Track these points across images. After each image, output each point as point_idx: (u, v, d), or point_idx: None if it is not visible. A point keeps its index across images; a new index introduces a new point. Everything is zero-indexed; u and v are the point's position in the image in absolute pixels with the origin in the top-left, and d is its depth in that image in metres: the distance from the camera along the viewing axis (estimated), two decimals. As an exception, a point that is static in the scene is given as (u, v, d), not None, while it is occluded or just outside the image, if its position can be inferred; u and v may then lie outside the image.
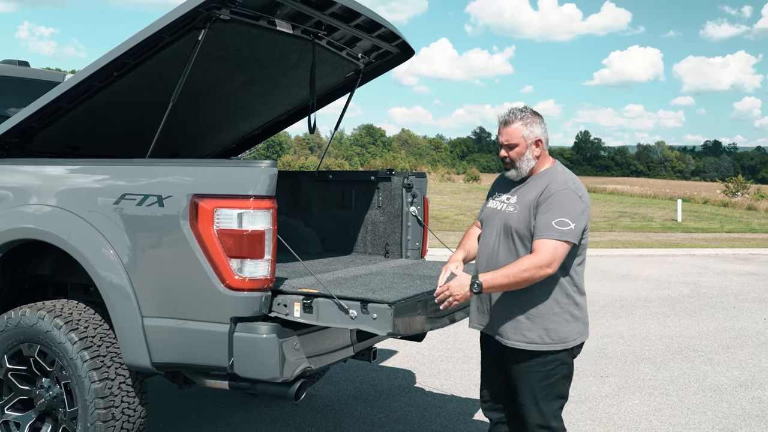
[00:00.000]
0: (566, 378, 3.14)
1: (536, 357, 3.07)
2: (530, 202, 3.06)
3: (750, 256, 16.13)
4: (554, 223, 2.93)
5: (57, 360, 3.30)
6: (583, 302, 3.16)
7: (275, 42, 4.01)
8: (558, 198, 2.99)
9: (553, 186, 3.04)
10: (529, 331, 3.05)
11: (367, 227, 4.80)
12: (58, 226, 3.37)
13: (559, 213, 2.95)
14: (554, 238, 2.92)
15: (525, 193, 3.13)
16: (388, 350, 6.71)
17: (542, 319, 3.04)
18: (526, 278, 2.92)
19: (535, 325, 3.04)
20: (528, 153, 3.11)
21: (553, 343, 3.06)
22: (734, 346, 7.29)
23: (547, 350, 3.06)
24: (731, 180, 46.88)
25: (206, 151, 5.44)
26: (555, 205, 2.97)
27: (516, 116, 3.11)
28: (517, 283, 2.93)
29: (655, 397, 5.51)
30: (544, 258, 2.91)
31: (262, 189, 2.99)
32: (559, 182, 3.05)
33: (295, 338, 3.06)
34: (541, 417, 3.12)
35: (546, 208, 2.98)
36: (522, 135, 3.09)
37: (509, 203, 3.16)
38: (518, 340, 3.07)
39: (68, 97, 3.61)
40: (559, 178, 3.08)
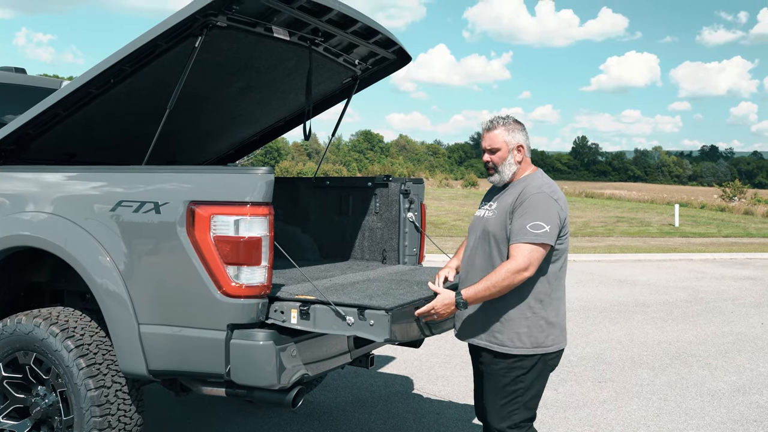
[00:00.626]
0: (531, 387, 3.12)
1: (505, 360, 3.11)
2: (507, 207, 3.13)
3: (747, 261, 16.15)
4: (528, 227, 2.98)
5: (53, 368, 3.29)
6: (561, 309, 3.17)
7: (272, 48, 4.01)
8: (532, 202, 3.04)
9: (527, 190, 3.10)
10: (500, 334, 3.11)
11: (364, 233, 4.80)
12: (54, 234, 3.36)
13: (533, 217, 2.99)
14: (529, 241, 2.97)
15: (504, 198, 3.21)
16: (385, 356, 6.70)
17: (513, 323, 3.08)
18: (506, 285, 2.98)
19: (506, 329, 3.09)
20: (510, 158, 3.19)
21: (524, 347, 3.07)
22: (732, 351, 7.29)
23: (517, 354, 3.08)
24: (728, 185, 46.98)
25: (203, 157, 5.44)
26: (529, 209, 3.02)
27: (498, 123, 3.22)
28: (498, 291, 3.00)
29: (654, 403, 5.50)
30: (520, 262, 2.96)
31: (259, 195, 2.99)
32: (533, 187, 3.11)
33: (292, 345, 3.05)
34: (500, 422, 3.13)
35: (521, 212, 3.03)
36: (504, 140, 3.19)
37: (490, 209, 3.24)
38: (489, 341, 3.14)
39: (65, 104, 3.61)
40: (535, 183, 3.14)
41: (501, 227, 3.11)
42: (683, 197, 44.25)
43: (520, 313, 3.08)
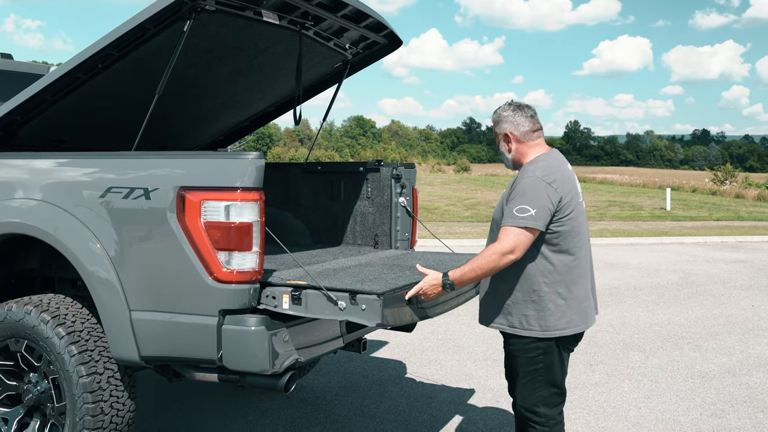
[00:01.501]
0: (551, 367, 3.16)
1: (519, 341, 3.16)
2: (505, 194, 3.20)
3: (738, 244, 16.24)
4: (515, 211, 3.01)
5: (44, 355, 3.28)
6: (576, 293, 3.14)
7: (261, 33, 3.98)
8: (521, 187, 3.07)
9: (518, 177, 3.15)
10: (510, 316, 3.16)
11: (356, 218, 4.79)
12: (44, 221, 3.34)
13: (520, 200, 3.03)
14: (514, 224, 2.99)
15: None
16: (378, 341, 6.72)
17: (520, 306, 3.12)
18: (491, 267, 3.01)
19: (515, 312, 3.14)
20: (501, 147, 3.30)
21: (534, 330, 3.10)
22: (722, 333, 7.34)
23: (527, 336, 3.12)
24: (719, 168, 47.20)
25: (194, 143, 5.41)
26: (518, 194, 3.06)
27: (493, 115, 3.34)
28: (484, 273, 3.04)
29: (645, 385, 5.55)
30: (505, 245, 2.98)
31: (249, 181, 2.98)
32: (527, 171, 3.13)
33: (284, 330, 3.05)
34: (524, 399, 3.20)
35: (512, 197, 3.08)
36: (495, 131, 3.33)
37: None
38: (501, 324, 3.19)
39: (52, 90, 3.58)
40: (530, 167, 3.14)
41: (500, 215, 3.17)
42: (675, 181, 44.41)
43: (525, 296, 3.11)
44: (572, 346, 3.23)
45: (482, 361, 6.14)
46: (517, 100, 3.33)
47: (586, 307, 3.18)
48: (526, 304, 3.11)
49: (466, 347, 6.60)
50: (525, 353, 3.15)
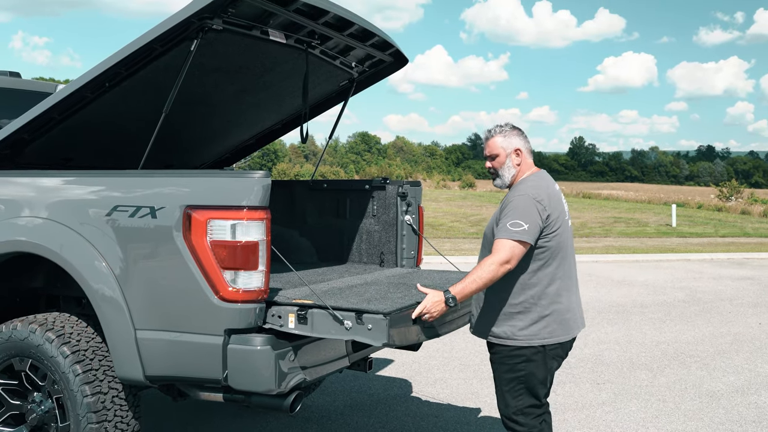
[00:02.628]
0: (533, 376, 3.27)
1: (502, 350, 3.29)
2: (497, 212, 3.34)
3: (745, 261, 16.16)
4: (509, 225, 3.18)
5: (49, 374, 3.27)
6: (560, 305, 3.29)
7: (268, 51, 4.00)
8: (514, 204, 3.23)
9: (511, 194, 3.32)
10: (497, 327, 3.29)
11: (362, 236, 4.78)
12: (50, 239, 3.34)
13: (513, 216, 3.19)
14: (508, 237, 3.14)
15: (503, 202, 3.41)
16: (383, 359, 6.68)
17: (507, 317, 3.26)
18: (491, 277, 3.13)
19: (502, 322, 3.27)
20: (508, 161, 3.39)
21: (517, 339, 3.25)
22: (730, 352, 7.28)
23: (510, 344, 3.26)
24: (725, 184, 47.04)
25: (200, 161, 5.42)
26: (511, 210, 3.21)
27: (496, 131, 3.43)
28: (484, 283, 3.15)
29: (652, 404, 5.49)
30: (502, 256, 3.12)
31: (256, 200, 2.97)
32: (519, 190, 3.31)
33: (289, 350, 3.03)
34: (506, 408, 3.32)
35: (504, 213, 3.24)
36: (501, 146, 3.39)
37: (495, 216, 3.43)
38: (490, 335, 3.32)
39: (60, 108, 3.59)
40: (521, 187, 3.33)
41: (492, 231, 3.31)
42: (680, 197, 44.30)
43: (512, 307, 3.26)
44: (559, 353, 3.32)
45: (488, 379, 6.09)
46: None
47: (569, 318, 3.33)
48: (514, 315, 3.26)
49: (472, 366, 6.56)
50: (507, 360, 3.28)
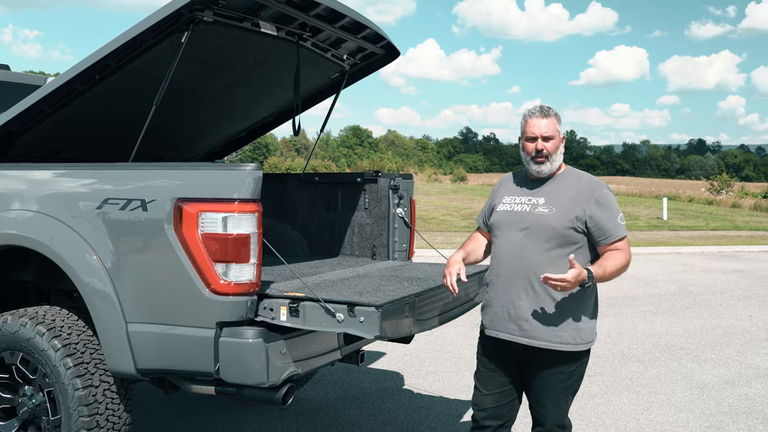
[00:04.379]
0: (583, 376, 3.23)
1: (566, 357, 3.10)
2: (570, 203, 3.09)
3: (735, 254, 16.25)
4: (620, 221, 3.10)
5: (40, 368, 3.26)
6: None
7: (259, 44, 3.98)
8: (610, 197, 3.13)
9: (592, 183, 3.15)
10: (564, 332, 3.07)
11: (353, 229, 4.78)
12: (40, 232, 3.32)
13: (616, 210, 3.11)
14: (625, 236, 3.11)
15: (557, 193, 3.15)
16: (375, 352, 6.69)
17: (575, 320, 3.08)
18: (619, 275, 3.09)
19: (569, 326, 3.07)
20: (561, 147, 3.18)
21: (583, 343, 3.12)
22: (721, 344, 7.33)
23: (577, 351, 3.11)
24: (716, 178, 47.31)
25: (191, 154, 5.40)
26: (611, 203, 3.11)
27: (551, 110, 3.17)
28: (611, 278, 3.07)
29: (643, 396, 5.52)
30: (629, 256, 3.10)
31: (247, 192, 2.97)
32: (594, 180, 3.18)
33: (281, 342, 3.03)
34: (560, 417, 3.19)
35: (605, 206, 3.08)
36: (557, 128, 3.16)
37: (536, 204, 3.15)
38: (553, 341, 3.07)
39: (50, 101, 3.57)
40: (589, 177, 3.21)
41: (566, 224, 3.06)
42: (671, 191, 44.50)
43: (582, 309, 3.10)
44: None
45: (480, 372, 6.11)
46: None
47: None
48: (580, 317, 3.09)
49: (464, 358, 6.57)
50: (568, 368, 3.13)
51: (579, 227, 3.07)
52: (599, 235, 3.08)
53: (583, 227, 3.08)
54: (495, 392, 3.28)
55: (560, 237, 3.07)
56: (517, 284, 3.11)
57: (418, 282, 3.62)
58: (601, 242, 3.10)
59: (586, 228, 3.08)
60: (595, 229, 3.08)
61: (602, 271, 3.01)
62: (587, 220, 3.07)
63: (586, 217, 3.07)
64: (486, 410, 3.29)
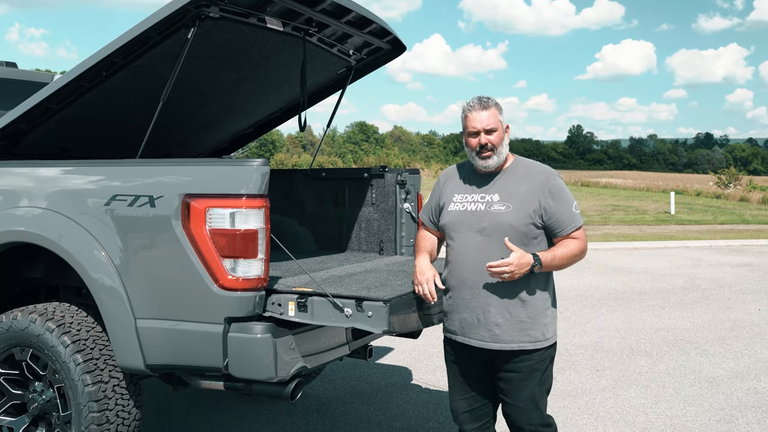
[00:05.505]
0: (552, 371, 3.21)
1: (538, 356, 3.07)
2: (526, 197, 3.03)
3: (743, 247, 16.18)
4: (575, 210, 3.06)
5: (50, 363, 3.27)
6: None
7: (266, 39, 3.98)
8: (562, 186, 3.07)
9: (549, 175, 3.09)
10: (533, 330, 3.04)
11: (361, 224, 4.78)
12: (48, 229, 3.33)
13: (570, 200, 3.06)
14: (581, 225, 3.07)
15: (511, 188, 3.07)
16: (384, 347, 6.70)
17: (540, 317, 3.06)
18: (574, 262, 3.05)
19: (536, 324, 3.05)
20: (506, 138, 3.11)
21: (551, 337, 3.11)
22: (729, 338, 7.30)
23: (545, 347, 3.09)
24: (723, 172, 47.04)
25: (198, 150, 5.40)
26: (564, 193, 3.06)
27: (491, 102, 3.09)
28: (566, 264, 3.04)
29: (652, 390, 5.51)
30: (584, 245, 3.06)
31: (255, 188, 2.97)
32: (547, 170, 3.12)
33: (290, 337, 3.03)
34: (542, 417, 3.15)
35: (559, 197, 3.04)
36: (500, 119, 3.09)
37: (490, 202, 3.07)
38: (524, 341, 3.04)
39: (57, 98, 3.58)
40: (541, 166, 3.15)
41: (525, 220, 3.00)
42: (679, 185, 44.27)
43: (544, 304, 3.07)
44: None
45: (488, 367, 6.11)
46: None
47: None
48: (544, 313, 3.07)
49: (472, 353, 6.57)
50: (541, 365, 3.09)
51: (537, 222, 3.03)
52: (555, 227, 3.04)
53: (540, 221, 3.04)
54: (468, 396, 3.26)
55: (520, 234, 3.00)
56: (484, 289, 3.03)
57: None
58: (557, 233, 3.05)
59: (542, 221, 3.04)
60: (550, 221, 3.03)
61: (551, 256, 2.97)
62: (542, 213, 3.02)
63: (542, 210, 3.02)
64: (462, 414, 3.27)
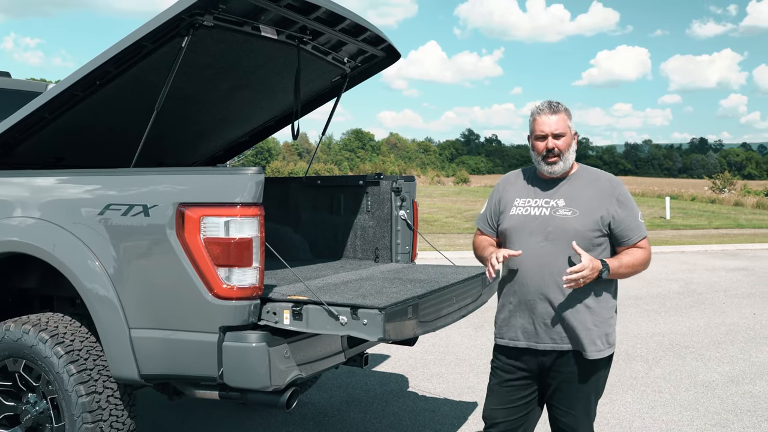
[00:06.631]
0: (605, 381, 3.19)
1: (597, 364, 3.04)
2: (592, 204, 2.99)
3: (738, 252, 16.22)
4: (640, 219, 3.05)
5: (43, 374, 3.25)
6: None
7: (260, 47, 3.98)
8: (629, 195, 3.07)
9: (615, 183, 3.08)
10: (597, 338, 3.00)
11: (356, 232, 4.77)
12: (42, 239, 3.32)
13: (636, 209, 3.06)
14: (647, 235, 3.06)
15: (576, 194, 3.04)
16: (379, 355, 6.68)
17: (604, 325, 3.02)
18: (640, 271, 3.03)
19: (600, 331, 3.00)
20: (574, 144, 3.05)
21: (611, 346, 3.08)
22: (725, 342, 7.31)
23: (607, 355, 3.06)
24: (718, 176, 47.24)
25: (192, 159, 5.40)
26: (630, 201, 3.05)
27: (561, 106, 3.05)
28: (631, 273, 3.01)
29: (648, 395, 5.51)
30: (649, 255, 3.03)
31: (249, 196, 2.96)
32: (613, 178, 3.11)
33: (285, 346, 3.02)
34: (590, 426, 3.14)
35: (626, 205, 3.02)
36: (569, 125, 3.04)
37: (556, 207, 3.03)
38: (589, 349, 2.99)
39: (50, 108, 3.57)
40: (606, 174, 3.13)
41: (591, 226, 2.96)
42: (674, 190, 44.44)
43: (609, 313, 3.03)
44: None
45: (484, 373, 6.08)
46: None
47: None
48: (608, 321, 3.03)
49: (468, 360, 6.56)
50: (602, 373, 3.08)
51: (603, 229, 2.98)
52: (622, 236, 3.00)
53: (607, 229, 2.99)
54: (509, 406, 3.17)
55: (585, 240, 2.94)
56: (546, 294, 2.99)
57: (422, 284, 3.62)
58: (623, 243, 3.01)
59: (609, 229, 3.00)
60: (618, 229, 2.99)
61: (618, 263, 2.94)
62: (611, 221, 2.98)
63: (609, 217, 2.98)
64: (498, 424, 3.18)
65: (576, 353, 3.02)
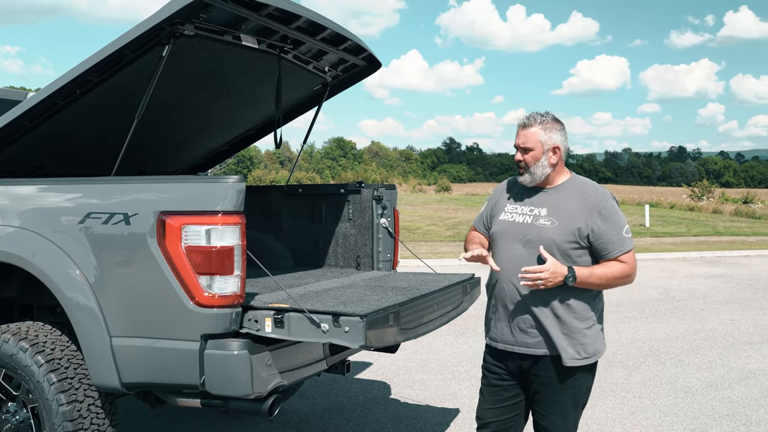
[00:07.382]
0: (591, 388, 3.18)
1: (576, 372, 3.06)
2: (572, 215, 3.02)
3: (717, 259, 16.42)
4: (625, 234, 3.03)
5: (23, 384, 3.23)
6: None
7: (241, 57, 4.00)
8: (615, 208, 3.04)
9: (600, 195, 3.06)
10: (572, 347, 3.03)
11: (338, 240, 4.79)
12: (22, 248, 3.30)
13: (622, 223, 3.03)
14: (631, 249, 3.03)
15: (560, 204, 3.07)
16: (362, 362, 6.68)
17: (577, 334, 3.04)
18: (617, 284, 3.04)
19: (573, 341, 3.03)
20: (544, 159, 3.06)
21: (589, 357, 3.07)
22: (704, 348, 7.40)
23: (587, 363, 3.07)
24: (696, 184, 47.77)
25: (174, 167, 5.39)
26: (615, 215, 3.02)
27: (536, 120, 3.07)
28: (605, 286, 3.03)
29: (628, 401, 5.56)
30: (633, 269, 3.04)
31: (230, 204, 2.97)
32: (600, 191, 3.09)
33: (266, 354, 3.03)
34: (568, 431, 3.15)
35: (609, 219, 3.00)
36: (539, 139, 3.05)
37: (537, 216, 3.08)
38: (566, 357, 3.02)
39: (30, 116, 3.56)
40: (595, 186, 3.12)
41: (567, 237, 3.00)
42: (653, 198, 44.87)
43: (585, 323, 3.05)
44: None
45: (466, 380, 6.13)
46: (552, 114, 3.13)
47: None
48: (585, 331, 3.05)
49: (450, 366, 6.59)
50: (577, 381, 3.08)
51: (581, 241, 3.00)
52: (602, 249, 3.01)
53: (585, 241, 3.01)
54: (498, 406, 3.22)
55: (561, 251, 2.99)
56: (520, 300, 3.06)
57: (403, 291, 3.64)
58: (604, 255, 3.02)
59: (588, 242, 3.01)
60: (597, 243, 3.00)
61: (588, 273, 2.94)
62: (589, 234, 3.00)
63: (588, 230, 2.99)
64: (489, 424, 3.24)
65: (554, 358, 3.06)
